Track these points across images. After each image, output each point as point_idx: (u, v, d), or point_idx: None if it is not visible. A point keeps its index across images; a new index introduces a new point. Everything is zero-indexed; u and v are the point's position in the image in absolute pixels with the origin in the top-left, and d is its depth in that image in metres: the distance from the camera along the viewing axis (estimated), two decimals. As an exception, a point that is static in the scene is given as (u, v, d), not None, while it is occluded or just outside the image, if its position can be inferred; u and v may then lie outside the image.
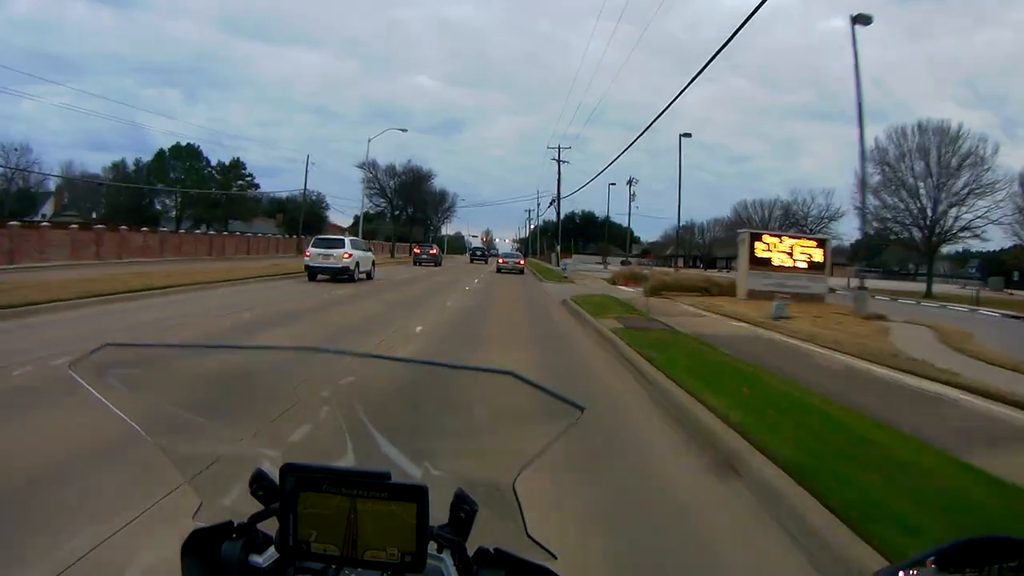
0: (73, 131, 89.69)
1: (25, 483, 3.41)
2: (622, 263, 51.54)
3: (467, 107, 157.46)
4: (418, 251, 44.28)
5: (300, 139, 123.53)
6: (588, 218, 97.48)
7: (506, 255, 42.74)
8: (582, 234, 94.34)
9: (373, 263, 24.40)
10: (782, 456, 3.87)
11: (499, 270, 36.03)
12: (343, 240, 22.72)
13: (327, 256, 21.02)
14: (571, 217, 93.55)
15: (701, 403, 5.40)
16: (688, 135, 41.81)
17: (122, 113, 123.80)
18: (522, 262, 39.53)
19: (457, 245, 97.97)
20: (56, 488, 3.36)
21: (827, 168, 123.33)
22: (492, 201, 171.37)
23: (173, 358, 1.25)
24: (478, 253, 57.09)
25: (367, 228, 54.25)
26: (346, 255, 21.10)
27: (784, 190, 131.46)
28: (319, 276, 20.98)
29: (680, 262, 60.64)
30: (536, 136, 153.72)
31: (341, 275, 20.89)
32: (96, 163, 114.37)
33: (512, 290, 23.06)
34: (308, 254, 21.82)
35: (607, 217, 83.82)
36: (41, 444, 4.11)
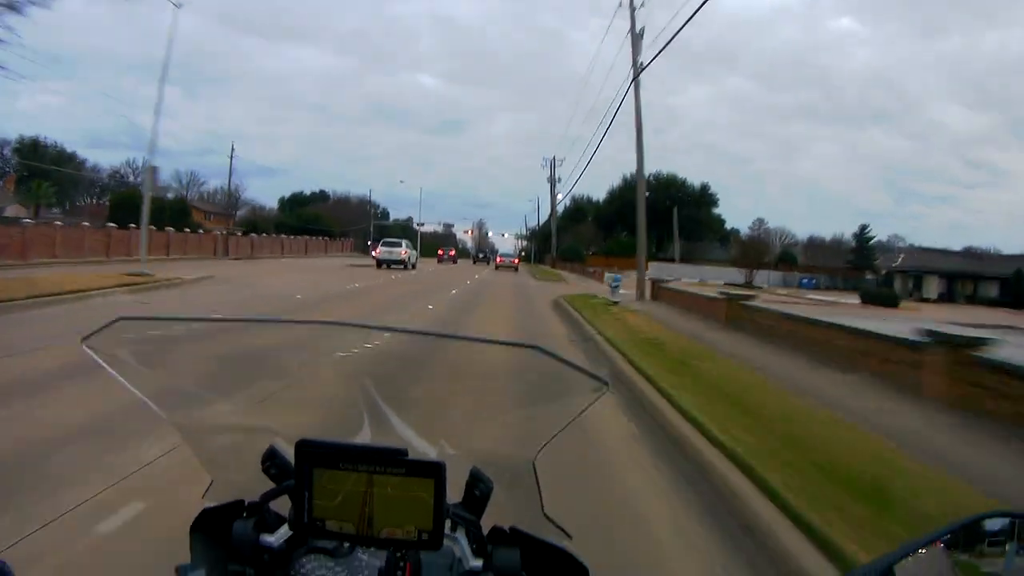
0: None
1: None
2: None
3: (466, 106, 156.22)
4: (441, 253, 57.32)
5: (300, 136, 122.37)
6: (671, 185, 55.54)
7: (504, 255, 54.54)
8: (659, 221, 48.47)
9: (418, 258, 37.14)
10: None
11: (497, 267, 46.56)
12: (401, 242, 35.25)
13: (391, 252, 33.43)
14: (630, 186, 43.67)
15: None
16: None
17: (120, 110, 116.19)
18: (516, 261, 50.99)
19: (443, 244, 72.10)
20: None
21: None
22: (490, 202, 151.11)
23: (186, 332, 1.24)
24: (480, 255, 66.24)
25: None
26: (404, 252, 33.57)
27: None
28: (383, 265, 32.90)
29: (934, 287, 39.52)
30: (537, 136, 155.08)
31: (398, 264, 33.04)
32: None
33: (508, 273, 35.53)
34: (377, 251, 34.02)
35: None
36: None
